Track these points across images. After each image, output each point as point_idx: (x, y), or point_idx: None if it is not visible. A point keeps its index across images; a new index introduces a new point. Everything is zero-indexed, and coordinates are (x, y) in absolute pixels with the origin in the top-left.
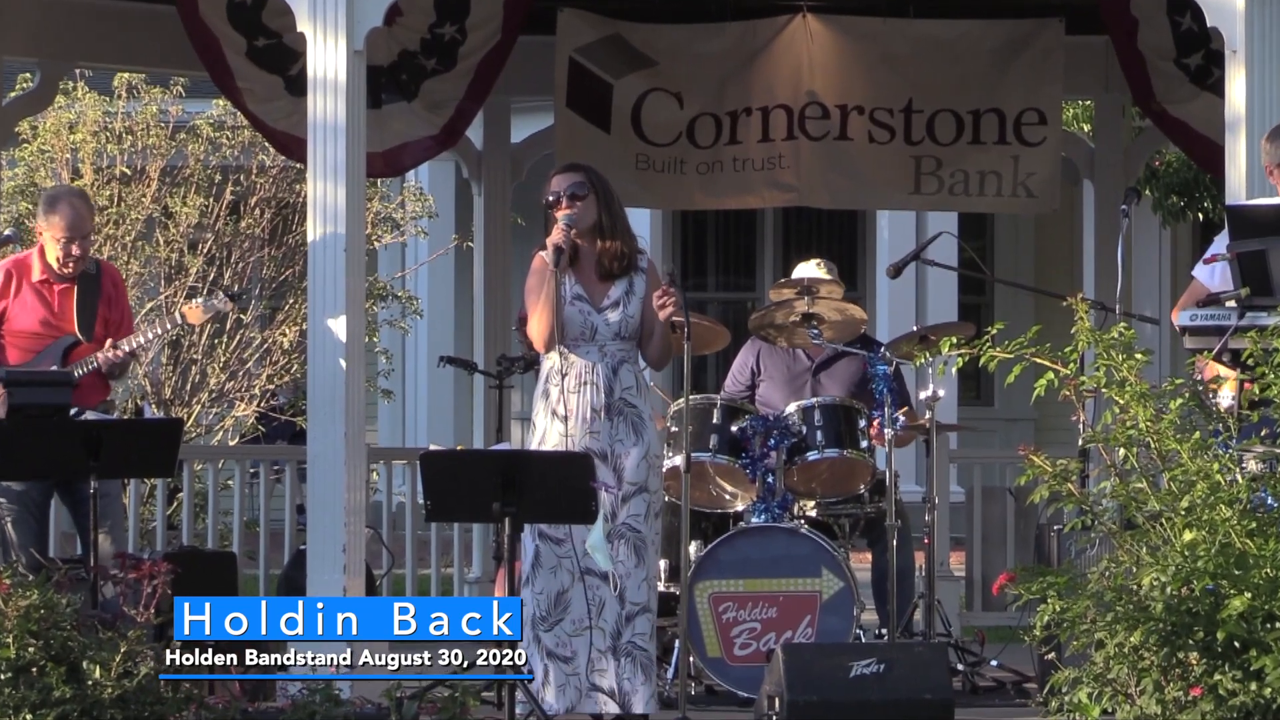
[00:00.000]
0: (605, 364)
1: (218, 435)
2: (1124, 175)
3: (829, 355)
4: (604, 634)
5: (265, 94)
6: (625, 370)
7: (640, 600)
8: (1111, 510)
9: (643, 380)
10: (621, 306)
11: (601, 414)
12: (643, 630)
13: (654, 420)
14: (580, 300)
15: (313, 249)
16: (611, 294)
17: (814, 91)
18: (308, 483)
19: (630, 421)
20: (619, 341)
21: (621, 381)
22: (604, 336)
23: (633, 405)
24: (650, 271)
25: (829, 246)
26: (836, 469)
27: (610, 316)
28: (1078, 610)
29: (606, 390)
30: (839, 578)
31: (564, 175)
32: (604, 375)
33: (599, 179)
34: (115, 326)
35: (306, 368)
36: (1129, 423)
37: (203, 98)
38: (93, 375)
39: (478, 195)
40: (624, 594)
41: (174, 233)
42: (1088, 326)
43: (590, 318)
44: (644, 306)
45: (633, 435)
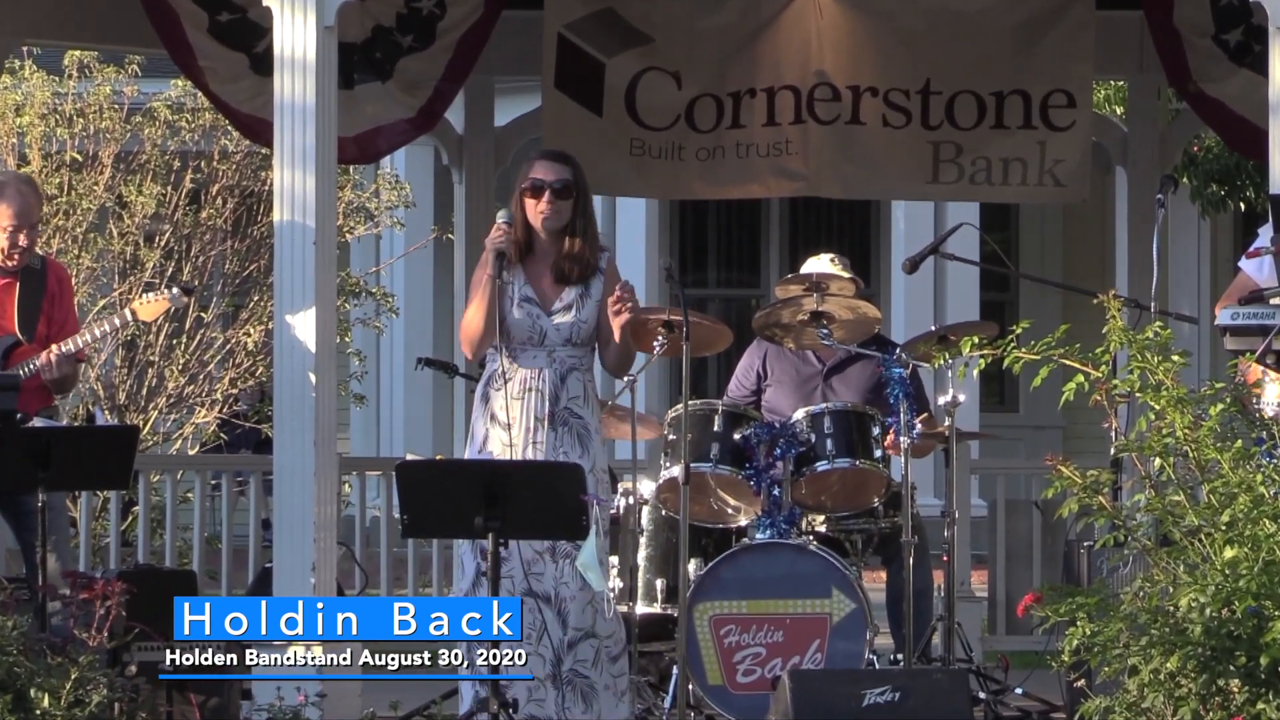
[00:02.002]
0: (553, 370)
1: (176, 444)
2: (1160, 162)
3: (840, 357)
4: (543, 660)
5: (228, 73)
6: (574, 378)
7: (584, 625)
8: (1146, 525)
9: (592, 390)
10: (574, 310)
11: (545, 423)
12: (584, 657)
13: (600, 432)
14: (529, 303)
15: (279, 241)
16: (565, 296)
17: (823, 71)
18: (274, 495)
19: (575, 433)
20: (569, 348)
21: (568, 390)
22: (553, 341)
23: (578, 416)
24: (609, 271)
25: (840, 239)
26: (848, 481)
27: (560, 321)
28: (1110, 634)
29: (551, 399)
30: (850, 598)
31: (553, 165)
32: (550, 383)
33: (582, 176)
34: (59, 327)
35: (272, 370)
36: (1165, 430)
37: (160, 77)
38: (34, 380)
39: (458, 183)
40: (566, 618)
41: (129, 224)
42: (1120, 326)
43: (539, 321)
44: (600, 310)
45: (578, 448)
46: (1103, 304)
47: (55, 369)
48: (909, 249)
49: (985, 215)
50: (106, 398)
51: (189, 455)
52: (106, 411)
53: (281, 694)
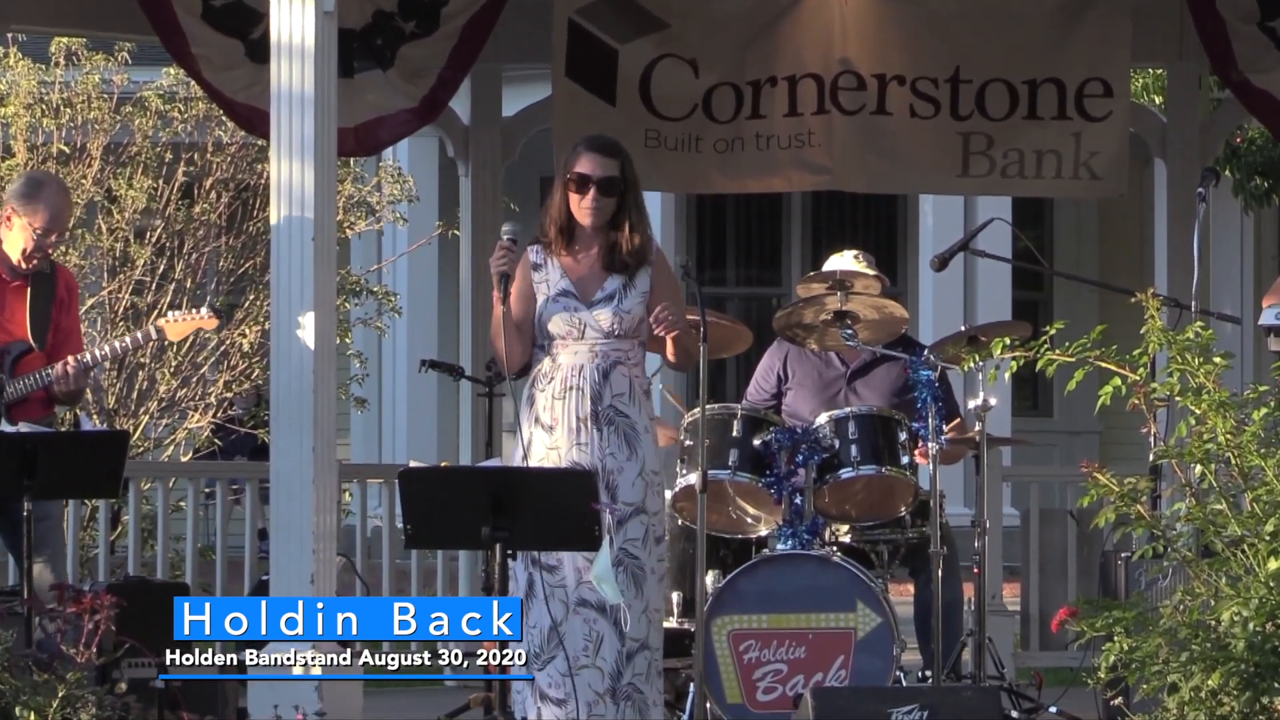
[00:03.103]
0: (595, 366)
1: (168, 450)
2: (1201, 154)
3: (865, 359)
4: (602, 674)
5: (223, 61)
6: (618, 374)
7: (640, 635)
8: (1186, 535)
9: (639, 386)
10: (617, 300)
11: (588, 423)
12: (641, 670)
13: (651, 432)
14: (566, 296)
15: (276, 238)
16: (607, 286)
17: (848, 59)
18: (271, 504)
19: (622, 433)
20: (612, 340)
21: (612, 387)
22: (594, 335)
23: (624, 414)
24: (658, 263)
25: (865, 235)
26: (874, 489)
27: (601, 312)
28: (1148, 649)
29: (594, 396)
30: (876, 612)
31: (600, 158)
32: (592, 379)
33: (632, 168)
34: (65, 336)
35: (269, 373)
36: (1207, 435)
37: (152, 65)
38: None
39: (464, 176)
40: (623, 629)
41: (118, 219)
42: (1159, 326)
43: (578, 314)
44: (647, 306)
45: (625, 449)
46: (1141, 303)
47: (71, 381)
48: (937, 245)
49: (1018, 210)
50: (95, 401)
51: (181, 462)
52: (95, 416)
53: (279, 712)
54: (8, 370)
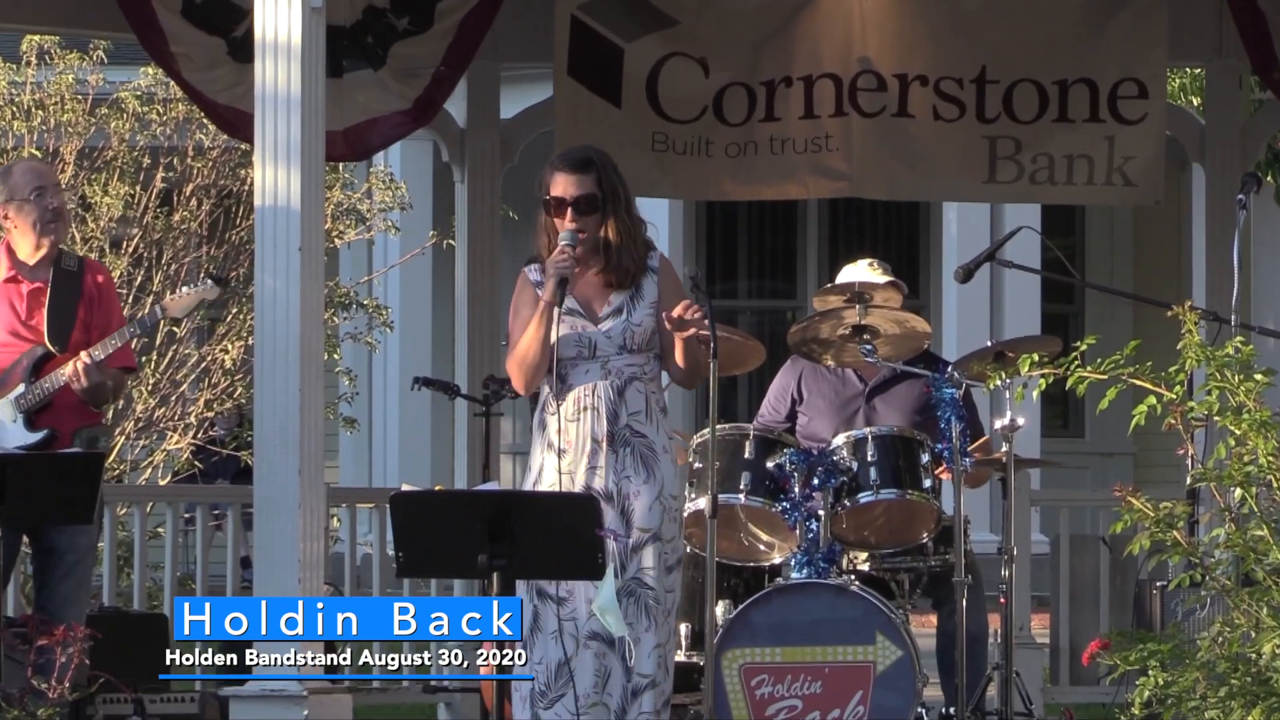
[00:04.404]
0: (609, 384)
1: (146, 473)
2: (1241, 158)
3: (885, 376)
4: (608, 711)
5: (204, 60)
6: (633, 391)
7: (648, 672)
8: (1226, 563)
9: (656, 403)
10: (624, 314)
11: (604, 445)
12: (648, 710)
13: (670, 452)
14: (572, 314)
15: (260, 247)
16: (613, 300)
17: (867, 58)
18: (255, 530)
19: (639, 454)
20: (625, 356)
21: (628, 405)
22: (606, 351)
23: (640, 434)
24: (662, 269)
25: (885, 245)
26: (894, 514)
27: (609, 326)
28: (1185, 684)
29: (610, 416)
30: (897, 645)
31: (570, 177)
32: (607, 398)
33: (611, 174)
34: (101, 333)
35: (252, 391)
36: (1247, 457)
37: (129, 64)
38: (67, 394)
39: (460, 183)
40: (627, 663)
41: (93, 228)
42: (1197, 341)
43: (586, 333)
44: (658, 316)
45: (643, 471)
46: (1178, 317)
47: (83, 378)
48: (962, 256)
49: (1047, 218)
50: None
51: (160, 486)
52: None
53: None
54: (27, 377)
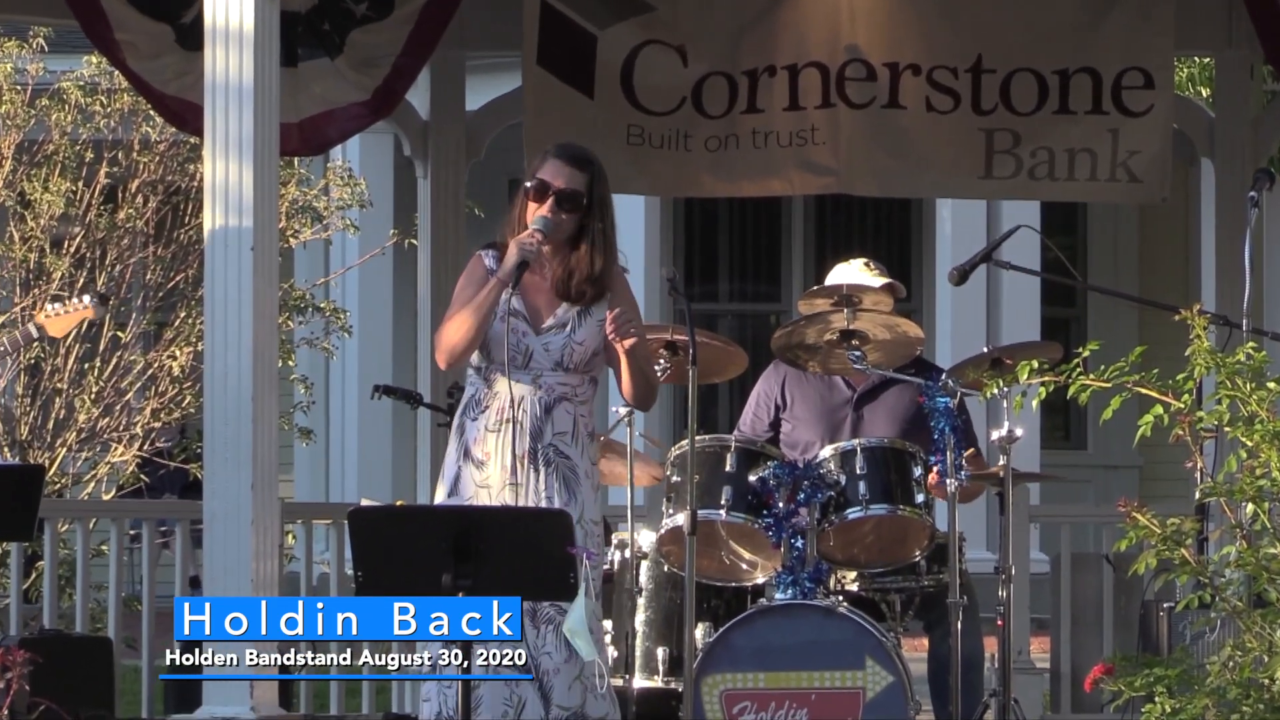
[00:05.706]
0: (537, 399)
1: (88, 487)
2: (1253, 153)
3: (874, 384)
4: None
5: (151, 48)
6: (561, 411)
7: (570, 704)
8: (1237, 583)
9: (584, 426)
10: (569, 329)
11: (524, 461)
12: None
13: (592, 478)
14: (515, 317)
15: (211, 247)
16: (560, 314)
17: (856, 46)
18: (204, 548)
19: (561, 475)
20: (559, 373)
21: (554, 424)
22: (540, 365)
23: (564, 455)
24: (618, 290)
25: (875, 245)
26: (884, 531)
27: (549, 340)
28: (1194, 711)
29: (534, 432)
30: (888, 670)
31: (565, 168)
32: (532, 413)
33: (604, 187)
34: None
35: (202, 400)
36: (1260, 470)
37: (71, 53)
38: None
39: (423, 179)
40: (550, 694)
41: (32, 226)
42: (1207, 347)
43: (525, 339)
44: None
45: (565, 492)
46: (1186, 321)
47: None
48: (957, 257)
49: (1047, 216)
50: (6, 432)
51: (103, 500)
52: (5, 449)
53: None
54: None
